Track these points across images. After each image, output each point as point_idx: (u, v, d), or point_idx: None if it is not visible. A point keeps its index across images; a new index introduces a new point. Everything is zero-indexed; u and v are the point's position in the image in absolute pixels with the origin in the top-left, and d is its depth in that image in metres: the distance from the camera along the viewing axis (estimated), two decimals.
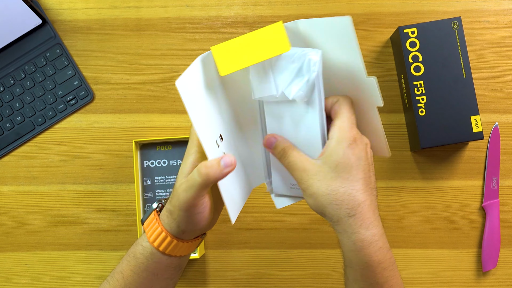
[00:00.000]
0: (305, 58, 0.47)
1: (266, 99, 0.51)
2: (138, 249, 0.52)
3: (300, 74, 0.48)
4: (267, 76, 0.49)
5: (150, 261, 0.51)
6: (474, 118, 0.70)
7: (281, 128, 0.51)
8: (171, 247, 0.50)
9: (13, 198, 0.78)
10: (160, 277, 0.52)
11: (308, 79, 0.47)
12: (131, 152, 0.77)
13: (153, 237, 0.50)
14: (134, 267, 0.52)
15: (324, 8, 0.78)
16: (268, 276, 0.76)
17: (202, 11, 0.78)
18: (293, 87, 0.48)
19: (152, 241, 0.50)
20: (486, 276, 0.75)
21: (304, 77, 0.47)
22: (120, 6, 0.79)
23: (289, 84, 0.48)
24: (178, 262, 0.53)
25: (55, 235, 0.77)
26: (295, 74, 0.48)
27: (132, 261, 0.52)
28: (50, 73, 0.78)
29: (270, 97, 0.50)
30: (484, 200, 0.75)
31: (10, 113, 0.78)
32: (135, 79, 0.78)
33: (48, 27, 0.78)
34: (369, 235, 0.46)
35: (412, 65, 0.71)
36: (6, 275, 0.77)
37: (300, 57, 0.47)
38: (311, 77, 0.47)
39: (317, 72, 0.47)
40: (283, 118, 0.51)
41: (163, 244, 0.50)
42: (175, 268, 0.53)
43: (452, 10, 0.77)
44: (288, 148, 0.49)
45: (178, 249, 0.51)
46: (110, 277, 0.54)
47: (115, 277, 0.53)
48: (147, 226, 0.51)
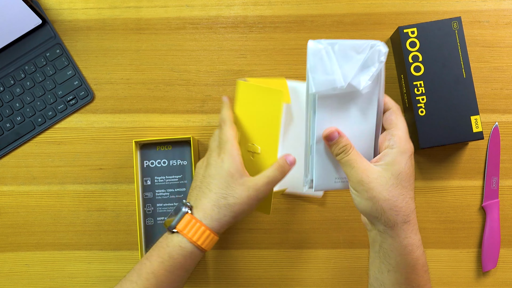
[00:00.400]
0: (373, 48, 0.47)
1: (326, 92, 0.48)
2: (175, 250, 0.55)
3: (367, 65, 0.47)
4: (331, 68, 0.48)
5: (188, 259, 0.55)
6: (474, 118, 0.70)
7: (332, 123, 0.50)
8: (212, 242, 0.55)
9: (13, 198, 0.78)
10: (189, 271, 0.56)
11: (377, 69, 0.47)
12: (131, 152, 0.77)
13: (197, 236, 0.54)
14: (169, 266, 0.54)
15: (324, 8, 0.78)
16: (268, 276, 0.76)
17: (202, 11, 0.78)
18: (362, 78, 0.47)
19: (196, 240, 0.54)
20: (486, 276, 0.75)
21: (371, 67, 0.47)
22: (120, 6, 0.79)
23: (357, 75, 0.47)
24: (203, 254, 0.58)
25: (55, 235, 0.77)
26: (361, 65, 0.47)
27: (167, 262, 0.54)
28: (50, 73, 0.78)
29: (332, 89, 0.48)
30: (484, 200, 0.75)
31: (10, 113, 0.78)
32: (135, 79, 0.78)
33: (48, 27, 0.78)
34: (417, 240, 0.50)
35: (412, 65, 0.71)
36: (6, 275, 0.77)
37: (367, 47, 0.47)
38: (380, 67, 0.47)
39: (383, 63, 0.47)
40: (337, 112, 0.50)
41: (206, 241, 0.54)
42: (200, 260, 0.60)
43: (452, 10, 0.77)
44: (351, 146, 0.50)
45: (214, 242, 0.56)
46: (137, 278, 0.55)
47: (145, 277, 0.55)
48: (185, 228, 0.55)
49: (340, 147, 0.50)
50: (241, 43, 0.78)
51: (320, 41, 0.48)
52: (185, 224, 0.55)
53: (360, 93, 0.49)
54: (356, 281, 0.75)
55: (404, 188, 0.49)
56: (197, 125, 0.77)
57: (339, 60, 0.48)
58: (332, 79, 0.47)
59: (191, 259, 0.55)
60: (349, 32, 0.77)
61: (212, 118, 0.77)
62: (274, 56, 0.78)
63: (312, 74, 0.48)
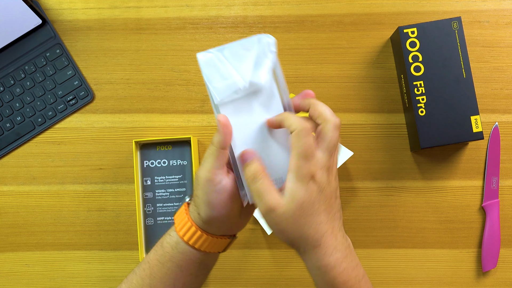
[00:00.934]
0: (261, 42, 0.47)
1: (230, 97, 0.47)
2: (166, 238, 0.53)
3: (261, 59, 0.47)
4: (228, 72, 0.47)
5: (175, 250, 0.52)
6: (474, 118, 0.70)
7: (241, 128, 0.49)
8: (194, 237, 0.51)
9: (13, 198, 0.78)
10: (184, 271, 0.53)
11: (271, 59, 0.47)
12: (131, 152, 0.77)
13: (180, 226, 0.52)
14: (160, 256, 0.53)
15: (324, 8, 0.78)
16: (268, 276, 0.76)
17: (202, 11, 0.78)
18: (260, 73, 0.47)
19: (179, 230, 0.52)
20: (486, 276, 0.75)
21: (266, 60, 0.47)
22: (120, 6, 0.79)
23: (255, 71, 0.47)
24: (203, 258, 0.53)
25: (55, 235, 0.77)
26: (255, 61, 0.47)
27: (159, 250, 0.53)
28: (50, 73, 0.78)
29: (235, 92, 0.47)
30: (484, 200, 0.75)
31: (10, 113, 0.78)
32: (135, 79, 0.78)
33: (48, 27, 0.78)
34: (332, 260, 0.48)
35: (412, 65, 0.71)
36: (6, 275, 0.77)
37: (254, 42, 0.47)
38: (273, 57, 0.47)
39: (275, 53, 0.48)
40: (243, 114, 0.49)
41: (187, 233, 0.51)
42: (200, 265, 0.54)
43: (452, 10, 0.77)
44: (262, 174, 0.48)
45: (202, 242, 0.52)
46: (137, 268, 0.55)
47: (142, 266, 0.54)
48: (177, 217, 0.53)
49: (252, 173, 0.48)
50: None
51: (208, 50, 0.48)
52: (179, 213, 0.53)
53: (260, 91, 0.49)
54: None
55: (309, 215, 0.48)
56: (197, 125, 0.77)
57: (233, 63, 0.47)
58: (232, 82, 0.47)
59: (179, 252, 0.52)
60: (349, 32, 0.77)
61: (212, 118, 0.77)
62: None
63: (211, 84, 0.47)
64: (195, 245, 0.51)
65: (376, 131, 0.76)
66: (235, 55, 0.47)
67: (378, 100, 0.77)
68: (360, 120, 0.77)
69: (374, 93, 0.77)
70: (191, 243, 0.51)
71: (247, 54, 0.47)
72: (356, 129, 0.77)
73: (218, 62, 0.47)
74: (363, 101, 0.77)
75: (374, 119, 0.77)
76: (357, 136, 0.76)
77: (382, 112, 0.77)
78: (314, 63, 0.77)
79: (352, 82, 0.77)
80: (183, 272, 0.53)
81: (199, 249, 0.52)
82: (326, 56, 0.77)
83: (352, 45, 0.77)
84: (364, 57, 0.77)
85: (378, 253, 0.76)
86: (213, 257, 0.55)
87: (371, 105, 0.77)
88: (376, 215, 0.76)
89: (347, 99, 0.77)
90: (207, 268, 0.55)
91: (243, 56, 0.47)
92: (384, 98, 0.77)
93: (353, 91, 0.77)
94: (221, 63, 0.47)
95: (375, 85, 0.77)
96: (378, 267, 0.76)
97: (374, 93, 0.77)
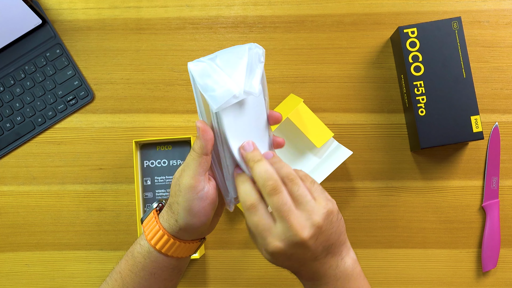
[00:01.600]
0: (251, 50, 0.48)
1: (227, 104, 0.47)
2: (136, 248, 0.52)
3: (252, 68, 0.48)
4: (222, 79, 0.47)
5: (147, 260, 0.51)
6: (474, 118, 0.70)
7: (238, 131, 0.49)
8: (167, 246, 0.50)
9: (13, 198, 0.78)
10: (158, 278, 0.52)
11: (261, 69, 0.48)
12: (131, 152, 0.77)
13: (151, 235, 0.51)
14: (132, 266, 0.52)
15: (324, 8, 0.78)
16: (268, 276, 0.76)
17: (202, 11, 0.78)
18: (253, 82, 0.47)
19: (150, 239, 0.50)
20: (486, 276, 0.75)
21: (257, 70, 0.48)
22: (120, 6, 0.79)
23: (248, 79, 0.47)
24: (176, 263, 0.53)
25: (55, 235, 0.77)
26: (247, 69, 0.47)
27: (130, 260, 0.52)
28: (50, 73, 0.78)
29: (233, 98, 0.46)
30: (484, 200, 0.75)
31: (10, 113, 0.78)
32: (135, 79, 0.78)
33: (48, 27, 0.78)
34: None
35: (412, 65, 0.71)
36: (6, 275, 0.77)
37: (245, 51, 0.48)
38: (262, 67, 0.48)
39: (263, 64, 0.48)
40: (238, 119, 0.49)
41: (159, 242, 0.50)
42: (173, 270, 0.53)
43: (452, 10, 0.77)
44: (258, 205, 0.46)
45: (175, 249, 0.51)
46: (108, 278, 0.54)
47: (113, 277, 0.53)
48: (146, 225, 0.52)
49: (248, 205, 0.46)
50: (241, 43, 0.78)
51: (199, 59, 0.48)
52: (148, 221, 0.52)
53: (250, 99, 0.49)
54: None
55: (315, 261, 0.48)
56: None
57: (226, 70, 0.47)
58: (228, 89, 0.46)
59: (151, 260, 0.51)
60: (349, 32, 0.77)
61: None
62: (274, 56, 0.78)
63: (206, 93, 0.46)
64: (168, 253, 0.51)
65: (376, 131, 0.76)
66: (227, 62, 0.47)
67: (378, 100, 0.77)
68: (360, 120, 0.77)
69: (374, 93, 0.77)
70: (164, 251, 0.50)
71: (239, 61, 0.47)
72: (356, 129, 0.77)
73: (211, 71, 0.47)
74: (363, 101, 0.77)
75: (374, 119, 0.77)
76: (357, 136, 0.76)
77: (382, 112, 0.77)
78: (314, 63, 0.77)
79: (352, 82, 0.77)
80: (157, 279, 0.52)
81: (172, 255, 0.51)
82: (326, 56, 0.77)
83: (352, 45, 0.77)
84: (364, 57, 0.77)
85: (378, 253, 0.76)
86: (185, 261, 0.54)
87: (371, 105, 0.77)
88: (376, 215, 0.76)
89: (347, 99, 0.77)
90: (180, 272, 0.54)
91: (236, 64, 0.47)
92: (384, 98, 0.77)
93: (353, 91, 0.77)
94: (214, 72, 0.47)
95: (375, 85, 0.77)
96: (378, 267, 0.76)
97: (374, 93, 0.77)
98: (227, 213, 0.76)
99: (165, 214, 0.51)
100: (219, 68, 0.47)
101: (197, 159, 0.48)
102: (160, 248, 0.50)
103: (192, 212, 0.48)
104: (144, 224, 0.52)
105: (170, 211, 0.50)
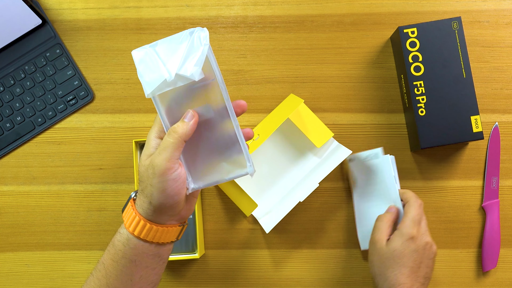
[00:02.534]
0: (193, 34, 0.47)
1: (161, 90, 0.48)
2: (117, 236, 0.54)
3: (192, 52, 0.47)
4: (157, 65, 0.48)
5: (127, 247, 0.52)
6: (474, 118, 0.70)
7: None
8: (144, 231, 0.52)
9: (13, 198, 0.78)
10: (139, 265, 0.53)
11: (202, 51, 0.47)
12: (131, 152, 0.77)
13: (128, 222, 0.52)
14: (113, 255, 0.53)
15: (324, 8, 0.78)
16: (268, 276, 0.76)
17: (202, 11, 0.78)
18: (187, 65, 0.47)
19: (128, 227, 0.52)
20: (486, 276, 0.75)
21: (196, 53, 0.47)
22: (120, 6, 0.79)
23: (183, 63, 0.47)
24: (156, 250, 0.54)
25: (55, 235, 0.77)
26: (186, 53, 0.47)
27: (111, 249, 0.53)
28: (50, 73, 0.78)
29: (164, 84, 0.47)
30: (484, 200, 0.75)
31: (10, 113, 0.78)
32: (135, 79, 0.78)
33: (48, 27, 0.78)
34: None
35: (412, 65, 0.71)
36: (6, 275, 0.77)
37: (186, 35, 0.47)
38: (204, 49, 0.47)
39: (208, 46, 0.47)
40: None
41: (137, 228, 0.52)
42: (154, 257, 0.54)
43: (452, 10, 0.77)
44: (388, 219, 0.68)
45: (153, 234, 0.52)
46: (94, 270, 0.55)
47: (98, 267, 0.54)
48: (125, 214, 0.54)
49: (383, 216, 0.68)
50: (241, 43, 0.78)
51: (142, 47, 0.50)
52: (126, 209, 0.54)
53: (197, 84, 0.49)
54: (356, 281, 0.75)
55: (395, 263, 0.62)
56: None
57: (163, 57, 0.48)
58: (159, 75, 0.47)
59: (131, 248, 0.52)
60: (349, 32, 0.77)
61: None
62: (274, 56, 0.78)
63: (141, 78, 0.48)
64: (146, 238, 0.52)
65: (376, 131, 0.76)
66: (167, 49, 0.48)
67: (378, 100, 0.77)
68: (360, 120, 0.77)
69: (374, 93, 0.77)
70: (142, 236, 0.52)
71: (178, 47, 0.48)
72: (356, 129, 0.77)
73: (148, 58, 0.48)
74: (363, 101, 0.77)
75: (374, 119, 0.77)
76: (357, 136, 0.76)
77: (382, 112, 0.77)
78: (314, 63, 0.77)
79: (352, 82, 0.77)
80: (138, 266, 0.53)
81: (151, 241, 0.53)
82: (326, 56, 0.77)
83: (352, 45, 0.77)
84: (364, 57, 0.77)
85: None
86: (167, 248, 0.55)
87: (371, 105, 0.77)
88: None
89: (347, 99, 0.77)
90: (162, 259, 0.55)
91: (174, 50, 0.48)
92: (384, 98, 0.77)
93: (353, 91, 0.77)
94: (150, 58, 0.48)
95: (375, 85, 0.77)
96: None
97: (374, 93, 0.77)
98: (227, 213, 0.76)
99: (138, 201, 0.53)
100: (156, 54, 0.48)
101: (176, 143, 0.49)
102: (138, 234, 0.52)
103: (165, 193, 0.50)
104: (123, 214, 0.54)
105: (143, 195, 0.52)
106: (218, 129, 0.51)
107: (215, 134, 0.52)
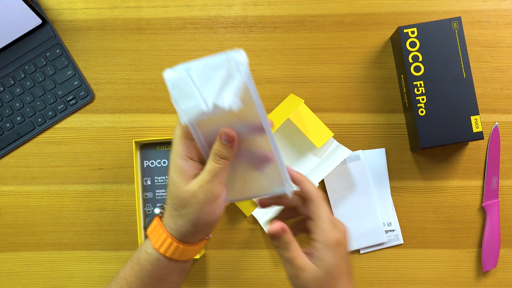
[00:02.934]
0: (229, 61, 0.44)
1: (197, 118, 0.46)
2: (142, 255, 0.52)
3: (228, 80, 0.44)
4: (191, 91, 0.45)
5: (155, 267, 0.51)
6: (474, 118, 0.70)
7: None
8: (178, 252, 0.50)
9: (13, 198, 0.78)
10: (166, 282, 0.52)
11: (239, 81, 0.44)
12: (131, 152, 0.77)
13: (159, 243, 0.50)
14: (138, 273, 0.52)
15: (324, 8, 0.78)
16: (268, 276, 0.76)
17: (202, 11, 0.78)
18: (225, 95, 0.44)
19: (158, 248, 0.50)
20: (486, 276, 0.75)
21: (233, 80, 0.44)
22: (120, 6, 0.79)
23: (220, 93, 0.44)
24: (184, 265, 0.53)
25: (55, 235, 0.77)
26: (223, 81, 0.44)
27: (135, 267, 0.52)
28: (50, 73, 0.78)
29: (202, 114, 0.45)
30: (484, 200, 0.75)
31: (10, 113, 0.78)
32: (135, 79, 0.78)
33: (48, 27, 0.78)
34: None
35: (412, 65, 0.71)
36: (6, 275, 0.77)
37: (224, 62, 0.44)
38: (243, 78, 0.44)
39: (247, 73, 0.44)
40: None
41: (169, 250, 0.50)
42: (181, 272, 0.53)
43: (452, 10, 0.77)
44: (292, 242, 0.51)
45: (185, 253, 0.51)
46: (113, 282, 0.54)
47: (119, 282, 0.53)
48: (151, 233, 0.52)
49: (283, 243, 0.51)
50: (241, 43, 0.78)
51: (175, 68, 0.46)
52: (152, 228, 0.52)
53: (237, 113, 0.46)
54: (356, 281, 0.75)
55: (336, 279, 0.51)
56: None
57: (199, 85, 0.45)
58: (196, 105, 0.45)
59: (159, 267, 0.51)
60: (349, 32, 0.77)
61: None
62: (274, 56, 0.78)
63: (177, 105, 0.46)
64: (179, 258, 0.51)
65: (376, 131, 0.76)
66: (202, 75, 0.45)
67: (378, 100, 0.77)
68: (360, 120, 0.77)
69: (374, 93, 0.77)
70: (175, 257, 0.51)
71: (214, 74, 0.45)
72: (356, 129, 0.77)
73: (182, 83, 0.46)
74: (363, 101, 0.77)
75: (374, 119, 0.77)
76: (357, 136, 0.76)
77: (382, 112, 0.77)
78: (314, 63, 0.77)
79: (352, 82, 0.77)
80: (164, 282, 0.52)
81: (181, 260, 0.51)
82: (326, 56, 0.77)
83: (352, 45, 0.77)
84: (364, 57, 0.77)
85: (378, 253, 0.76)
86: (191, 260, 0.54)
87: (371, 105, 0.77)
88: None
89: (347, 99, 0.77)
90: (185, 271, 0.55)
91: (210, 77, 0.45)
92: (384, 98, 0.77)
93: (353, 91, 0.77)
94: (185, 85, 0.46)
95: (375, 85, 0.77)
96: (378, 267, 0.76)
97: (374, 93, 0.77)
98: (227, 213, 0.76)
99: (169, 221, 0.51)
100: (191, 81, 0.46)
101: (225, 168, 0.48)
102: (170, 256, 0.50)
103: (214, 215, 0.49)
104: (149, 232, 0.52)
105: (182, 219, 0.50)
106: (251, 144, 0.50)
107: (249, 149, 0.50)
